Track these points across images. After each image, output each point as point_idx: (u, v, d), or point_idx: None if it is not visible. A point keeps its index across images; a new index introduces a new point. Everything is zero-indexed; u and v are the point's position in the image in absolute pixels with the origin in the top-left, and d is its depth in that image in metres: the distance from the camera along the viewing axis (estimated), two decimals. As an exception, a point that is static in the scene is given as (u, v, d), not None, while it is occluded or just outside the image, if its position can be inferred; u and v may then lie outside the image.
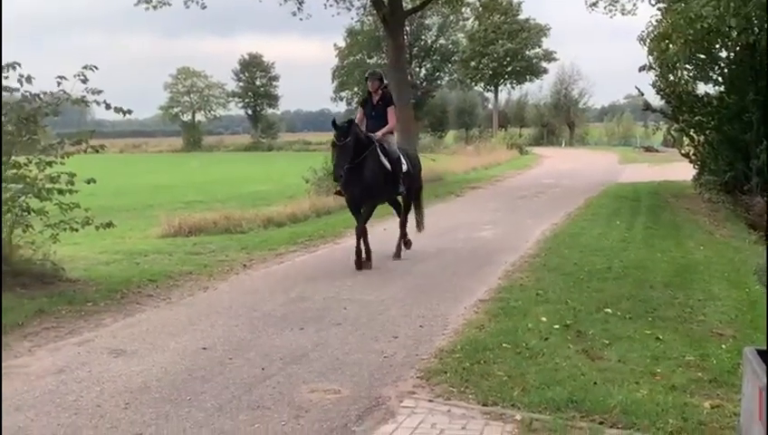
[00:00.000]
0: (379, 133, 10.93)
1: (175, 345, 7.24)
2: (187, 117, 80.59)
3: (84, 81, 9.30)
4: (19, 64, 9.00)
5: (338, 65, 69.86)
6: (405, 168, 11.29)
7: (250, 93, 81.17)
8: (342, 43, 66.49)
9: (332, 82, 70.89)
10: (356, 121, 10.85)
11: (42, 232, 9.50)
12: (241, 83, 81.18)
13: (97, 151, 9.85)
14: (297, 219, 16.48)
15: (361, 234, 10.72)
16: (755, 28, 16.80)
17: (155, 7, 24.38)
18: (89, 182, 9.26)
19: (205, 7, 25.18)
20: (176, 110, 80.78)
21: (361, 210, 10.90)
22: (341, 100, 73.06)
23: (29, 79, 9.06)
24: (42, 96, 9.24)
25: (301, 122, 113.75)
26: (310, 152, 32.07)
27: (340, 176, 10.40)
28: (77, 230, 9.45)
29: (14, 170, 9.17)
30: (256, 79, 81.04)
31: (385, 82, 11.58)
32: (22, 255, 9.42)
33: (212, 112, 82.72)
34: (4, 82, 9.08)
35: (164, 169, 40.13)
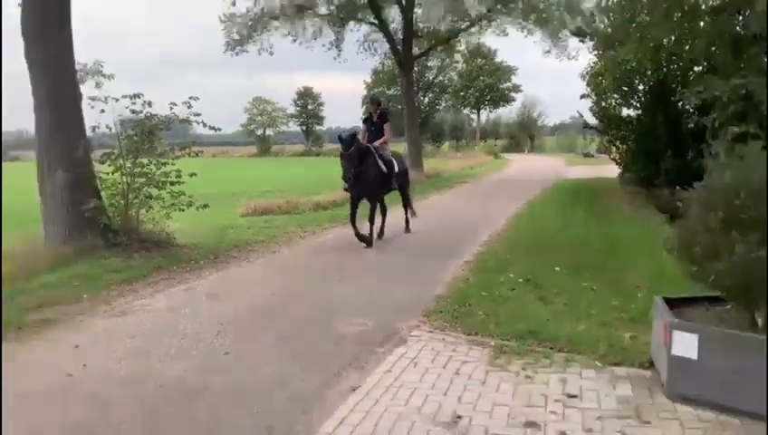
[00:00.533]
0: (376, 143, 10.29)
1: (252, 292, 7.27)
2: (259, 132, 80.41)
3: (189, 106, 9.28)
4: (142, 94, 9.03)
5: (366, 95, 69.51)
6: (397, 168, 10.59)
7: (304, 115, 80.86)
8: (369, 79, 66.13)
9: (362, 106, 70.62)
10: (359, 135, 10.28)
11: (158, 212, 9.53)
12: (297, 107, 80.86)
13: (197, 155, 9.84)
14: (337, 204, 16.43)
15: (372, 219, 10.23)
16: (664, 69, 16.62)
17: (237, 54, 24.40)
18: (191, 176, 9.24)
19: (272, 54, 25.10)
20: (252, 126, 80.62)
21: (359, 206, 10.19)
22: (369, 120, 72.85)
23: (149, 104, 9.09)
24: (159, 116, 9.26)
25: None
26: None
27: (348, 178, 9.58)
28: (183, 210, 9.43)
29: (139, 169, 9.21)
30: (308, 104, 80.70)
31: (382, 105, 11.01)
32: (146, 227, 9.45)
33: (277, 129, 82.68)
34: (134, 107, 9.13)
35: (243, 169, 40.05)
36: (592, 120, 20.20)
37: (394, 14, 27.22)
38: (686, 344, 3.92)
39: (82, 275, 7.72)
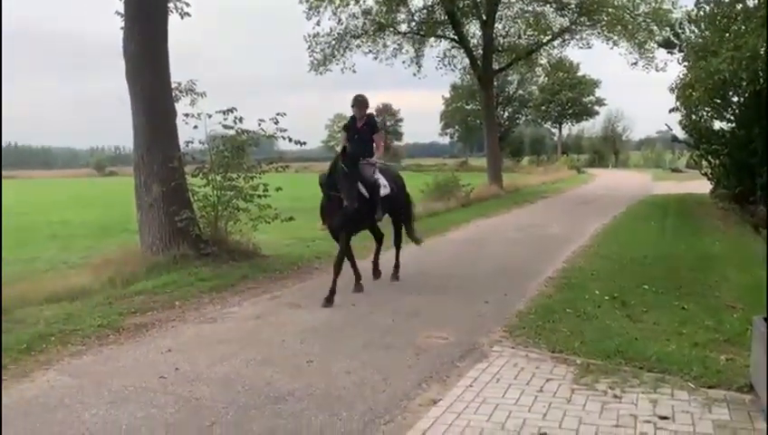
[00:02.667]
0: (375, 157, 8.05)
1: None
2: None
3: (276, 122, 9.55)
4: (235, 109, 9.40)
5: (444, 110, 69.55)
6: (384, 191, 7.97)
7: (383, 131, 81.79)
8: (447, 95, 66.17)
9: (440, 121, 70.85)
10: (341, 147, 7.78)
11: (245, 223, 9.82)
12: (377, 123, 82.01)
13: (283, 170, 10.10)
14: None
15: (340, 265, 7.59)
16: (761, 80, 15.73)
17: (321, 73, 25.02)
18: (277, 190, 9.50)
19: (355, 72, 25.54)
20: (332, 143, 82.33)
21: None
22: (446, 135, 72.81)
23: (241, 119, 9.45)
24: (249, 132, 9.60)
25: (417, 151, 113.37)
26: (422, 172, 32.06)
27: (353, 203, 7.25)
28: (269, 223, 9.69)
29: (229, 182, 9.56)
30: (387, 120, 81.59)
31: (369, 110, 8.34)
32: (233, 238, 9.79)
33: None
34: (225, 123, 9.51)
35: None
36: (681, 134, 19.44)
37: (474, 30, 27.21)
38: (790, 368, 3.68)
39: (175, 282, 8.07)
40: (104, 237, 13.98)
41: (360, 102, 8.09)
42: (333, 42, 25.08)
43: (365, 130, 8.10)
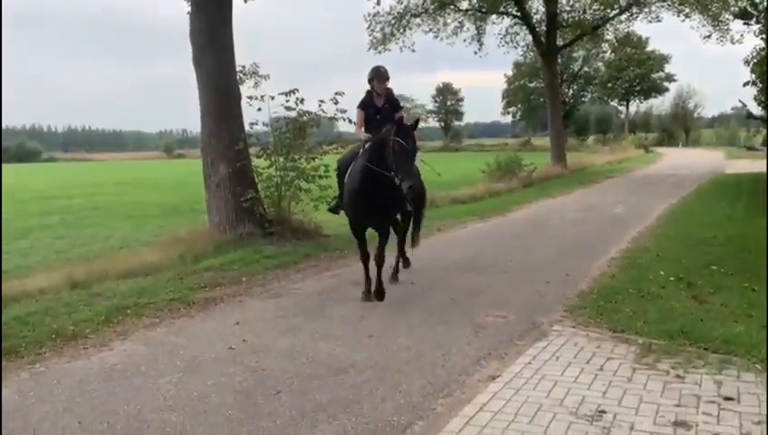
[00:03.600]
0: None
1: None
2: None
3: (336, 102, 9.65)
4: (297, 90, 9.58)
5: (506, 88, 68.43)
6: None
7: (443, 111, 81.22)
8: (510, 73, 65.06)
9: (502, 100, 69.79)
10: (357, 126, 7.13)
11: (307, 204, 10.03)
12: (437, 103, 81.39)
13: (344, 147, 10.21)
14: (475, 198, 16.37)
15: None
16: None
17: (380, 52, 25.02)
18: (335, 171, 9.61)
19: (414, 51, 25.43)
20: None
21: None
22: (509, 114, 71.66)
23: (302, 101, 9.62)
24: (310, 114, 9.76)
25: (478, 130, 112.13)
26: (485, 152, 31.75)
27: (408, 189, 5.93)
28: (330, 203, 9.83)
29: (291, 163, 9.77)
30: (447, 100, 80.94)
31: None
32: (296, 218, 10.03)
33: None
34: (287, 104, 9.68)
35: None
36: (757, 110, 18.50)
37: (537, 5, 26.61)
38: None
39: (241, 259, 8.37)
40: (173, 217, 14.57)
41: (380, 75, 6.91)
42: (393, 20, 25.03)
43: (386, 109, 6.93)
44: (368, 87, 7.07)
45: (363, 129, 6.97)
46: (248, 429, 3.78)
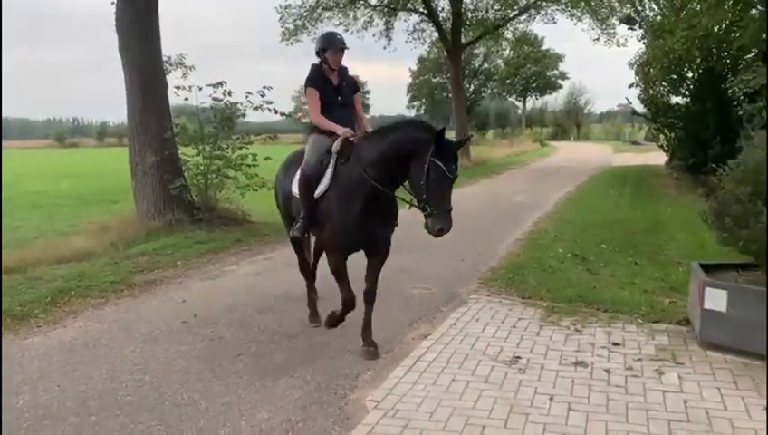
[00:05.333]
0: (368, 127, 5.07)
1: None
2: (306, 120, 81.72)
3: (263, 95, 10.11)
4: (225, 83, 9.93)
5: (411, 83, 70.06)
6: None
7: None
8: (414, 67, 66.63)
9: (406, 94, 71.39)
10: (313, 115, 5.08)
11: (234, 192, 10.39)
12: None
13: (273, 139, 10.68)
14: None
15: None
16: (714, 57, 16.83)
17: (292, 44, 25.31)
18: (266, 159, 10.05)
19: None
20: (299, 114, 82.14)
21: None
22: (413, 107, 73.42)
23: (230, 93, 9.98)
24: (237, 104, 10.14)
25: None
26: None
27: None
28: (257, 190, 10.25)
29: (218, 152, 10.11)
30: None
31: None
32: (222, 206, 10.38)
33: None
34: (215, 95, 10.01)
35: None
36: (640, 108, 20.40)
37: (443, 3, 27.74)
38: (716, 299, 4.56)
39: (174, 245, 8.69)
40: (84, 207, 14.43)
41: (336, 43, 5.08)
42: (305, 13, 25.38)
43: (346, 90, 5.20)
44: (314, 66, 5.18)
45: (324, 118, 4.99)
46: (218, 384, 4.29)
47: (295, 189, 5.12)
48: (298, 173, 5.09)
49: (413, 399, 4.00)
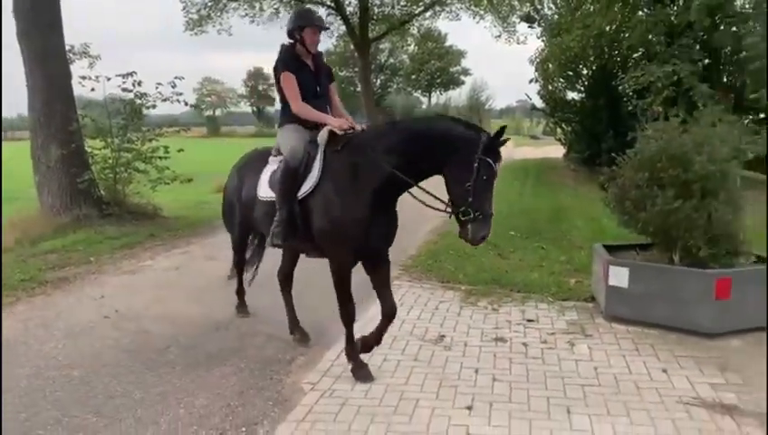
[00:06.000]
0: (346, 124, 4.24)
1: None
2: (209, 112, 79.63)
3: (174, 86, 9.89)
4: (136, 72, 9.63)
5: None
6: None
7: (255, 96, 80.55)
8: (321, 61, 66.47)
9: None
10: (296, 102, 4.35)
11: (144, 186, 10.12)
12: (248, 88, 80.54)
13: (185, 131, 10.48)
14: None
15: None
16: (606, 55, 18.01)
17: (197, 34, 24.66)
18: (178, 151, 9.86)
19: (231, 35, 25.38)
20: (202, 107, 79.78)
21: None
22: (320, 101, 73.17)
23: (140, 83, 9.69)
24: (147, 95, 9.86)
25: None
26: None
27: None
28: (168, 184, 10.04)
29: (128, 144, 9.81)
30: (259, 85, 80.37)
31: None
32: (132, 200, 10.08)
33: (227, 109, 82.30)
34: (125, 85, 9.69)
35: (205, 150, 40.00)
36: (539, 104, 21.45)
37: (350, -2, 27.93)
38: (619, 276, 5.02)
39: (84, 241, 8.38)
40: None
41: (314, 21, 4.50)
42: (210, 3, 24.80)
43: (323, 78, 4.60)
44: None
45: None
46: (150, 375, 4.28)
47: (265, 191, 4.42)
48: (266, 174, 4.47)
49: (348, 380, 4.17)
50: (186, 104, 10.44)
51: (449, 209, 3.98)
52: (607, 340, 4.79)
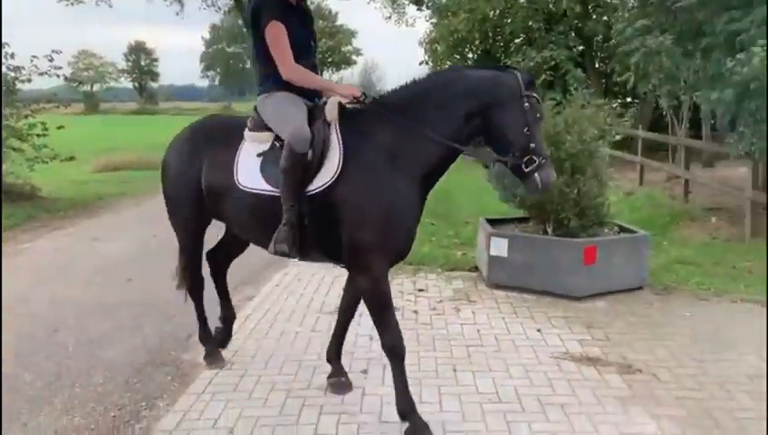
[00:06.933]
0: (341, 95, 3.26)
1: (133, 234, 7.89)
2: (86, 88, 74.84)
3: (51, 60, 9.37)
4: (8, 44, 9.02)
5: (204, 51, 67.66)
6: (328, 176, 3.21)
7: (136, 71, 76.70)
8: (208, 35, 64.37)
9: (200, 63, 68.87)
10: (287, 63, 3.25)
11: (21, 164, 9.58)
12: (129, 63, 76.52)
13: (65, 107, 9.99)
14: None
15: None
16: (490, 39, 18.81)
17: (72, 4, 23.07)
18: (58, 129, 9.42)
19: (111, 6, 23.96)
20: (77, 83, 74.81)
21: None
22: (207, 77, 71.08)
23: (12, 56, 9.10)
24: (22, 69, 9.28)
25: (174, 93, 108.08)
26: (184, 116, 31.65)
27: None
28: (47, 163, 9.58)
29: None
30: (141, 59, 76.58)
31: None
32: (7, 181, 9.50)
33: (106, 85, 77.68)
34: None
35: (84, 127, 37.71)
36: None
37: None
38: (499, 247, 5.45)
39: (-47, 224, 7.84)
40: None
41: None
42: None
43: (312, 30, 3.63)
44: None
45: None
46: (40, 357, 4.20)
47: (251, 180, 3.36)
48: (249, 154, 3.39)
49: (247, 352, 4.31)
50: (65, 79, 9.92)
51: (513, 162, 3.09)
52: (489, 305, 5.21)
